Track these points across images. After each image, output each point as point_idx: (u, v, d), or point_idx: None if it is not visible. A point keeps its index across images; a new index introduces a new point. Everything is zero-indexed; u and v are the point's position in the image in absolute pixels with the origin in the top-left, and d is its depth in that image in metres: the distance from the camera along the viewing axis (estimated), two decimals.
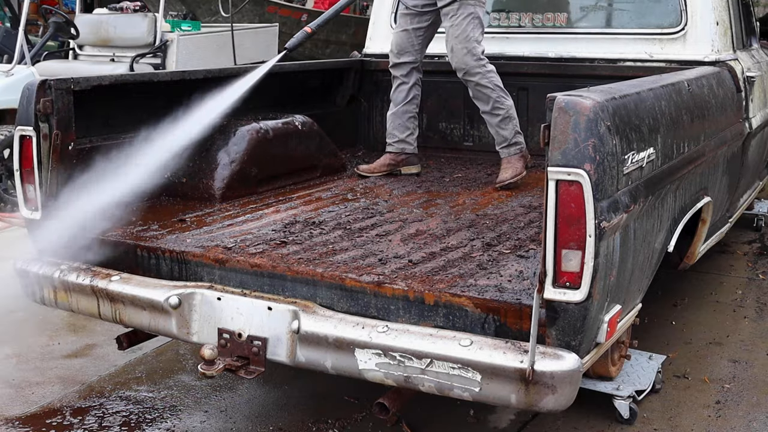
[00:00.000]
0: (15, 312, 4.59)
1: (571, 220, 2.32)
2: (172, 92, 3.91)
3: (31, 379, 3.80)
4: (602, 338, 2.53)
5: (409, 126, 4.56)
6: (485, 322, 2.54)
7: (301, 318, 2.67)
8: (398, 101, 4.55)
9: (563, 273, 2.34)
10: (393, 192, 4.07)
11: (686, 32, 4.37)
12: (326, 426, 3.35)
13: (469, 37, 4.20)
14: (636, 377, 3.46)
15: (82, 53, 8.25)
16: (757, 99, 4.64)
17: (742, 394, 3.63)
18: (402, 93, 4.54)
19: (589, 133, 2.33)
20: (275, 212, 3.62)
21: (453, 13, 4.21)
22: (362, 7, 14.31)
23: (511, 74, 4.50)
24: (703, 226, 3.70)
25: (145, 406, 3.54)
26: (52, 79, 3.24)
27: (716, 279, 5.09)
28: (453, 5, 4.20)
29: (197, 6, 10.79)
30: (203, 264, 3.00)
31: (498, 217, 3.56)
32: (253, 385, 3.70)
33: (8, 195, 6.71)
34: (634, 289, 2.80)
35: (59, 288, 3.16)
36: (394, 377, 2.54)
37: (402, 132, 4.53)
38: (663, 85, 3.08)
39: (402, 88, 4.53)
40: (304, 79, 4.90)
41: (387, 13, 5.15)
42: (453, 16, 4.21)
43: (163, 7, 7.98)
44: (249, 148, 3.88)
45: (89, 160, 3.41)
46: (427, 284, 2.66)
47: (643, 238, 2.76)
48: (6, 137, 6.58)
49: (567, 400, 2.41)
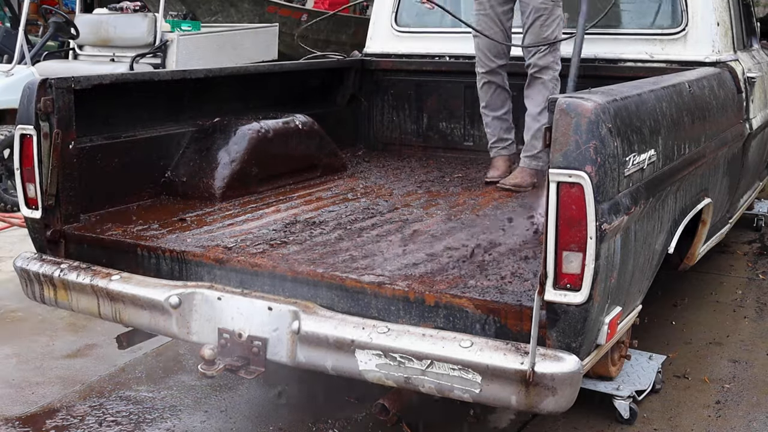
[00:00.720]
0: (15, 312, 4.59)
1: (572, 222, 2.32)
2: (173, 91, 3.92)
3: (31, 379, 3.80)
4: (602, 340, 2.53)
5: (512, 126, 4.50)
6: (486, 323, 2.53)
7: (302, 318, 2.67)
8: (496, 106, 4.45)
9: (564, 275, 2.35)
10: (393, 192, 4.07)
11: (687, 33, 4.37)
12: (326, 426, 3.35)
13: (557, 38, 4.18)
14: (636, 377, 3.46)
15: (82, 53, 8.25)
16: (758, 100, 4.64)
17: (742, 394, 3.63)
18: (500, 96, 4.45)
19: (590, 135, 2.33)
20: (275, 212, 3.62)
21: (552, 12, 4.19)
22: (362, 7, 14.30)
23: (511, 74, 4.50)
24: (704, 227, 3.70)
25: (145, 406, 3.54)
26: (52, 78, 3.24)
27: (716, 279, 5.09)
28: (552, 4, 4.18)
29: (197, 6, 10.79)
30: (203, 264, 3.00)
31: (498, 217, 3.56)
32: (253, 385, 3.70)
33: (8, 195, 6.71)
34: (634, 290, 2.80)
35: (59, 287, 3.15)
36: (395, 378, 2.53)
37: (511, 133, 4.48)
38: (664, 86, 3.08)
39: (499, 92, 4.44)
40: (305, 79, 4.90)
41: (387, 13, 5.15)
42: (549, 16, 4.19)
43: (163, 7, 7.98)
44: (249, 147, 3.88)
45: (90, 158, 3.42)
46: (427, 285, 2.66)
47: (644, 239, 2.76)
48: (6, 137, 6.58)
49: (567, 401, 2.41)
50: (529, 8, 4.21)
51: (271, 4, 11.49)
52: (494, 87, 4.42)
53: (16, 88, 4.38)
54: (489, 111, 4.47)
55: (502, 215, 3.59)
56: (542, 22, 4.19)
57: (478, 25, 4.36)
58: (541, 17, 4.19)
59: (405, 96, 5.12)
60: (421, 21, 5.11)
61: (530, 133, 4.27)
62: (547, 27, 4.19)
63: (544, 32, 4.19)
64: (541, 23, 4.19)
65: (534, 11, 4.19)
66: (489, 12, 4.32)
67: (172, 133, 3.88)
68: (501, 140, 4.47)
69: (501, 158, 4.45)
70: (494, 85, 4.42)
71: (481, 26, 4.34)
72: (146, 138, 3.74)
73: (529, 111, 4.29)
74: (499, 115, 4.46)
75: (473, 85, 4.65)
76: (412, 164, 4.80)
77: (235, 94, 4.34)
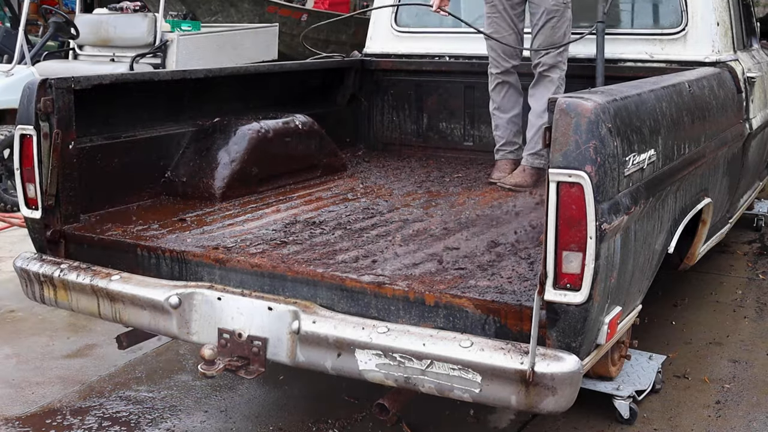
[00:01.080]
0: (15, 312, 4.60)
1: (571, 221, 2.32)
2: (173, 91, 3.92)
3: (31, 379, 3.80)
4: (602, 340, 2.53)
5: (521, 130, 4.48)
6: (485, 323, 2.53)
7: (302, 318, 2.67)
8: (508, 108, 4.45)
9: (564, 275, 2.35)
10: (393, 192, 4.07)
11: (687, 33, 4.37)
12: (326, 426, 3.35)
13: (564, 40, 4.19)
14: (636, 377, 3.46)
15: (82, 53, 8.25)
16: (758, 100, 4.64)
17: (742, 394, 3.63)
18: (512, 98, 4.45)
19: (590, 134, 2.33)
20: (275, 212, 3.62)
21: (563, 13, 4.21)
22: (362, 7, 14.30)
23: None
24: (704, 227, 3.70)
25: (145, 406, 3.54)
26: (52, 78, 3.24)
27: (716, 279, 5.09)
28: (563, 6, 4.19)
29: (197, 6, 10.79)
30: (203, 264, 3.00)
31: (498, 217, 3.56)
32: (253, 385, 3.70)
33: (8, 195, 6.71)
34: (634, 290, 2.80)
35: (59, 287, 3.15)
36: (395, 378, 2.53)
37: (519, 137, 4.47)
38: (664, 86, 3.08)
39: (511, 92, 4.45)
40: (305, 79, 4.90)
41: (387, 13, 5.15)
42: (561, 17, 4.22)
43: (163, 7, 7.98)
44: (249, 147, 3.88)
45: (90, 158, 3.42)
46: (427, 285, 2.66)
47: (644, 239, 2.76)
48: (6, 137, 6.58)
49: (567, 401, 2.41)
50: (541, 10, 4.22)
51: (271, 4, 11.49)
52: (507, 87, 4.42)
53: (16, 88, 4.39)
54: (500, 113, 4.47)
55: (503, 215, 3.59)
56: (553, 24, 4.21)
57: (491, 26, 4.36)
58: (553, 19, 4.21)
59: (405, 96, 5.12)
60: (421, 21, 5.11)
61: (533, 131, 4.27)
62: (558, 28, 4.21)
63: (556, 33, 4.21)
64: (552, 25, 4.21)
65: (546, 13, 4.21)
66: (502, 14, 4.32)
67: (172, 133, 3.88)
68: (509, 143, 4.48)
69: (507, 161, 4.45)
70: (507, 85, 4.42)
71: (494, 27, 4.35)
72: (146, 138, 3.74)
73: (534, 109, 4.29)
74: (511, 117, 4.46)
75: (473, 85, 4.66)
76: (412, 164, 4.80)
77: (235, 94, 4.34)
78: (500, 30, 4.33)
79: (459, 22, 4.62)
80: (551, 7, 4.19)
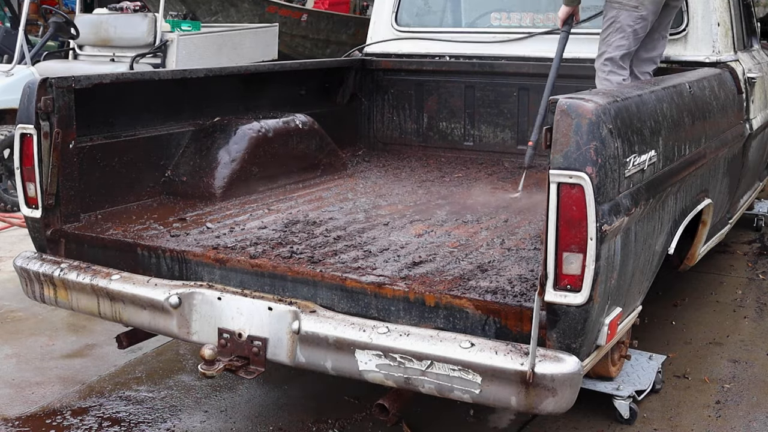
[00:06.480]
0: (15, 312, 4.59)
1: (572, 223, 2.32)
2: (173, 91, 3.91)
3: (31, 379, 3.80)
4: (603, 341, 2.53)
5: None
6: (486, 324, 2.53)
7: (302, 318, 2.67)
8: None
9: (564, 276, 2.35)
10: (393, 192, 4.07)
11: (687, 33, 4.37)
12: (326, 426, 3.35)
13: (605, 40, 4.14)
14: (636, 377, 3.46)
15: (82, 53, 8.24)
16: (758, 100, 4.64)
17: (742, 394, 3.63)
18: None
19: (590, 136, 2.33)
20: (276, 212, 3.62)
21: (605, 12, 4.17)
22: (362, 7, 14.31)
23: (511, 74, 4.50)
24: (704, 228, 3.70)
25: (145, 406, 3.54)
26: (53, 77, 3.24)
27: (716, 279, 5.09)
28: (606, 4, 4.14)
29: (197, 6, 10.79)
30: (203, 263, 3.00)
31: (499, 218, 3.56)
32: (253, 385, 3.70)
33: (8, 195, 6.71)
34: (634, 291, 2.80)
35: (59, 286, 3.15)
36: (395, 378, 2.53)
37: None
38: (664, 87, 3.08)
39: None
40: (305, 79, 4.90)
41: (387, 13, 5.15)
42: (604, 15, 4.18)
43: (163, 7, 7.98)
44: (250, 147, 3.89)
45: (90, 158, 3.42)
46: (427, 285, 2.66)
47: (644, 240, 2.76)
48: (6, 137, 6.57)
49: (567, 402, 2.41)
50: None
51: (271, 4, 11.49)
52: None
53: (16, 88, 4.40)
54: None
55: (503, 215, 3.59)
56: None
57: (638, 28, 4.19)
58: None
59: (405, 96, 5.12)
60: (421, 21, 5.11)
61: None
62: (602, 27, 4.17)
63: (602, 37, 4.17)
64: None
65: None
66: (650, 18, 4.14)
67: (172, 133, 3.88)
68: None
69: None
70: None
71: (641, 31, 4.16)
72: (146, 138, 3.74)
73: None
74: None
75: (473, 85, 4.65)
76: (412, 164, 4.80)
77: (236, 94, 4.34)
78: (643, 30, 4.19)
79: (459, 22, 4.61)
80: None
